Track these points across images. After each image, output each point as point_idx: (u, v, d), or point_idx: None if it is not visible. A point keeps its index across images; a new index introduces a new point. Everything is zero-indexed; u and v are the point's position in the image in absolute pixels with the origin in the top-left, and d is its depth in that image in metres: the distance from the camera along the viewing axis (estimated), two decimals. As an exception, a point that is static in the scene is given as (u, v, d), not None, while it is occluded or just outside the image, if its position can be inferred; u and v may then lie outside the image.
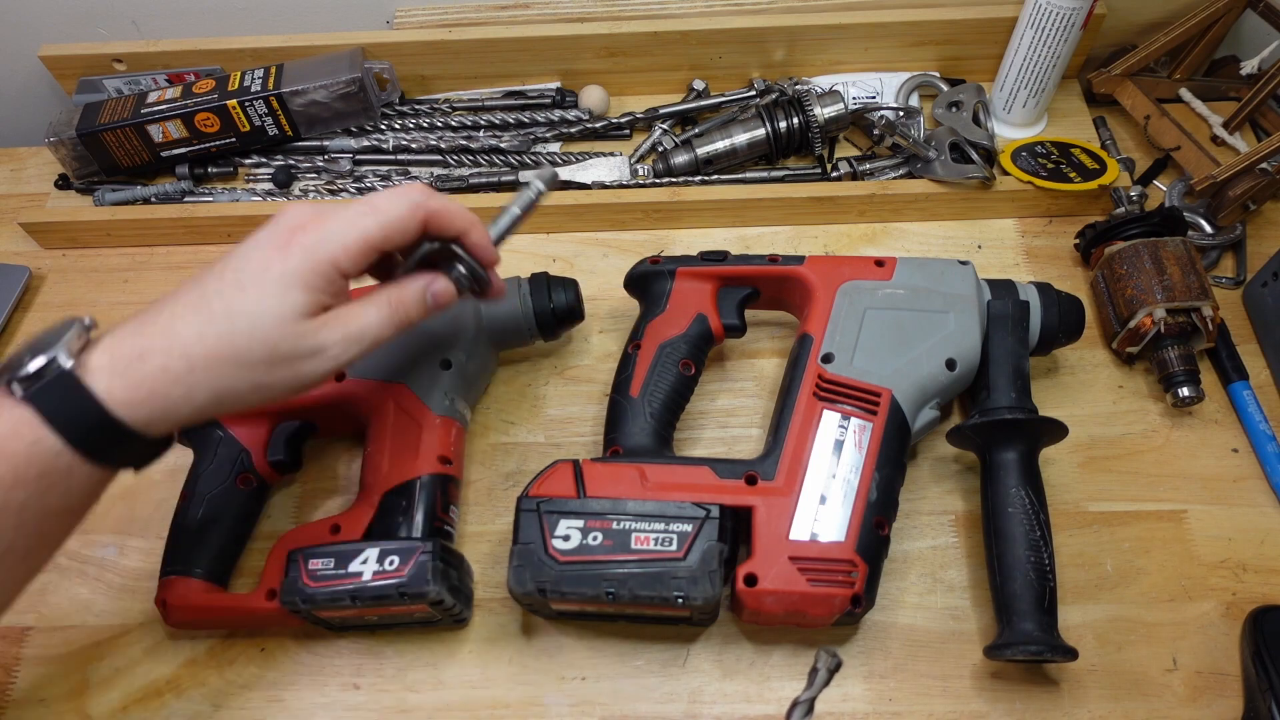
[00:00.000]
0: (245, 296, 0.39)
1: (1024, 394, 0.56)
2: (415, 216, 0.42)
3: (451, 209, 0.44)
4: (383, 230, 0.41)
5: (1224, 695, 0.52)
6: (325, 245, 0.40)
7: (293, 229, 0.40)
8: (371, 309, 0.43)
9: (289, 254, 0.40)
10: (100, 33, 0.79)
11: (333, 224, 0.40)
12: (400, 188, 0.43)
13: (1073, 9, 0.66)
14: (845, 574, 0.49)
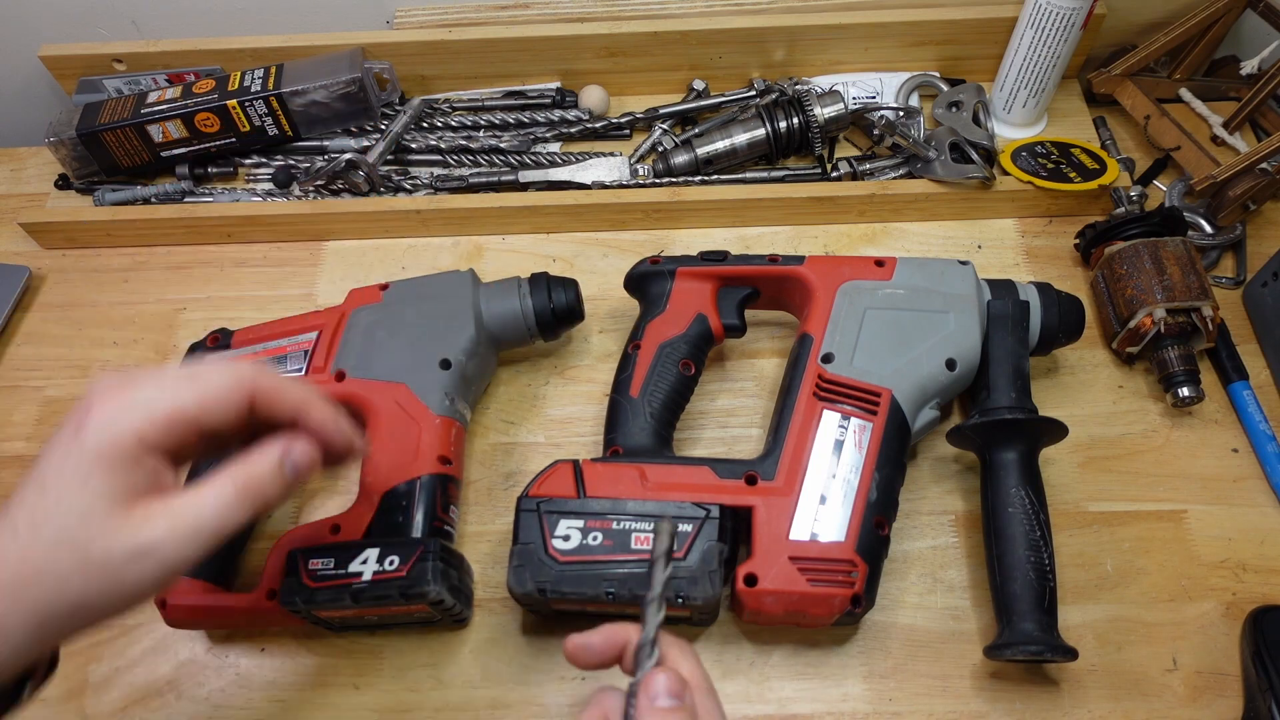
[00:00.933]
0: (45, 498, 0.32)
1: (1024, 394, 0.56)
2: (239, 390, 0.35)
3: (283, 387, 0.37)
4: (199, 402, 0.34)
5: (1224, 695, 0.52)
6: (126, 417, 0.33)
7: (89, 405, 0.33)
8: (210, 493, 0.35)
9: (84, 434, 0.32)
10: (100, 33, 0.79)
11: (138, 393, 0.34)
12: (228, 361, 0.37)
13: (1073, 9, 0.66)
14: (845, 574, 0.49)
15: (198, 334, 0.64)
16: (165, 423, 0.34)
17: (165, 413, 0.34)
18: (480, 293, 0.61)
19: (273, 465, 0.36)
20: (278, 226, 0.73)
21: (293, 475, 0.37)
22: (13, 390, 0.67)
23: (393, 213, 0.72)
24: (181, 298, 0.71)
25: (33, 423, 0.65)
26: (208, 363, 0.36)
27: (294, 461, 0.37)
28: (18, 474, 0.63)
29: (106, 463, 0.32)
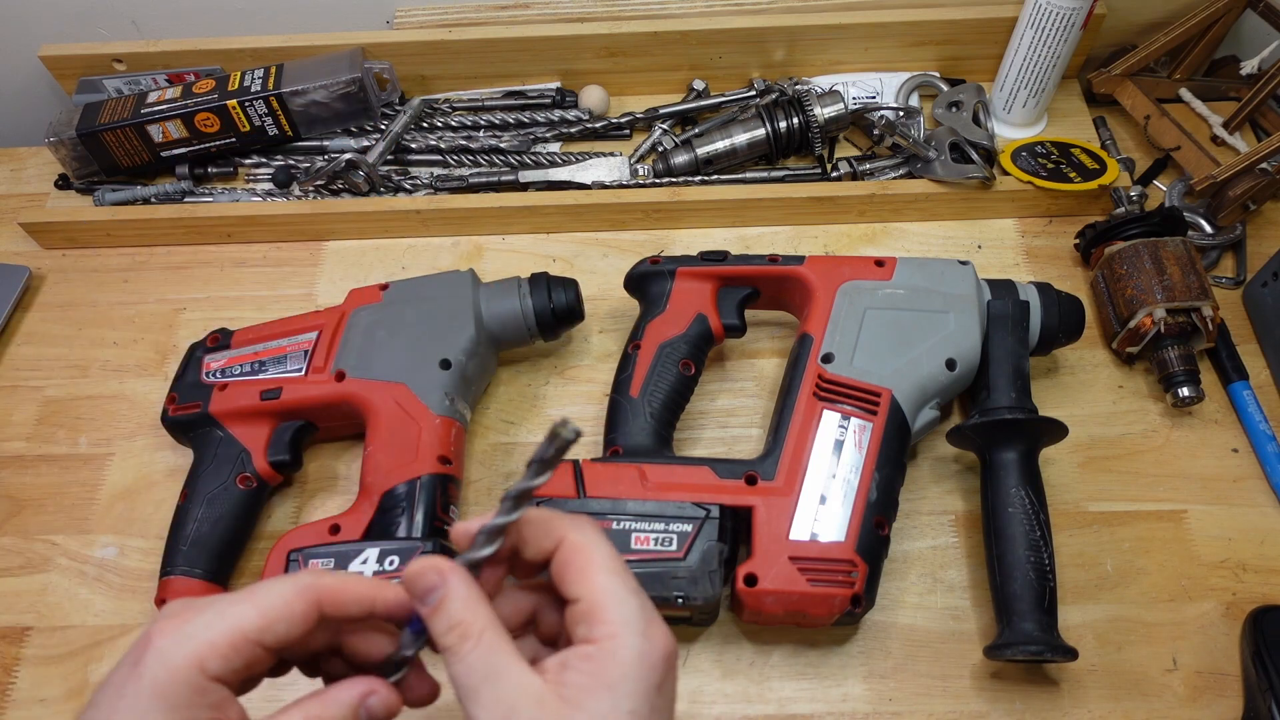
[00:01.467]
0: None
1: (1024, 394, 0.56)
2: (302, 601, 0.32)
3: (349, 582, 0.34)
4: (262, 618, 0.31)
5: (1224, 695, 0.52)
6: (185, 646, 0.30)
7: (149, 637, 0.31)
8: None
9: (142, 667, 0.30)
10: (100, 33, 0.79)
11: (197, 619, 0.31)
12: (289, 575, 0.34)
13: (1073, 9, 0.66)
14: (845, 574, 0.49)
15: (198, 334, 0.64)
16: (227, 648, 0.31)
17: (226, 637, 0.31)
18: (480, 293, 0.61)
19: (348, 709, 0.33)
20: (278, 226, 0.73)
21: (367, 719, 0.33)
22: (12, 390, 0.67)
23: (393, 213, 0.72)
24: (181, 298, 0.71)
25: (33, 423, 0.65)
26: (267, 580, 0.34)
27: (371, 708, 0.33)
28: (16, 474, 0.63)
29: (166, 699, 0.30)
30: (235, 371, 0.60)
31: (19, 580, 0.58)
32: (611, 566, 0.33)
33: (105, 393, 0.66)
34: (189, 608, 0.32)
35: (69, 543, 0.60)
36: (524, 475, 0.32)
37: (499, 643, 0.32)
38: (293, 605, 0.32)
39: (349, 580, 0.34)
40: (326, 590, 0.33)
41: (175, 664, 0.30)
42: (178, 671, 0.30)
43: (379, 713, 0.33)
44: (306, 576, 0.33)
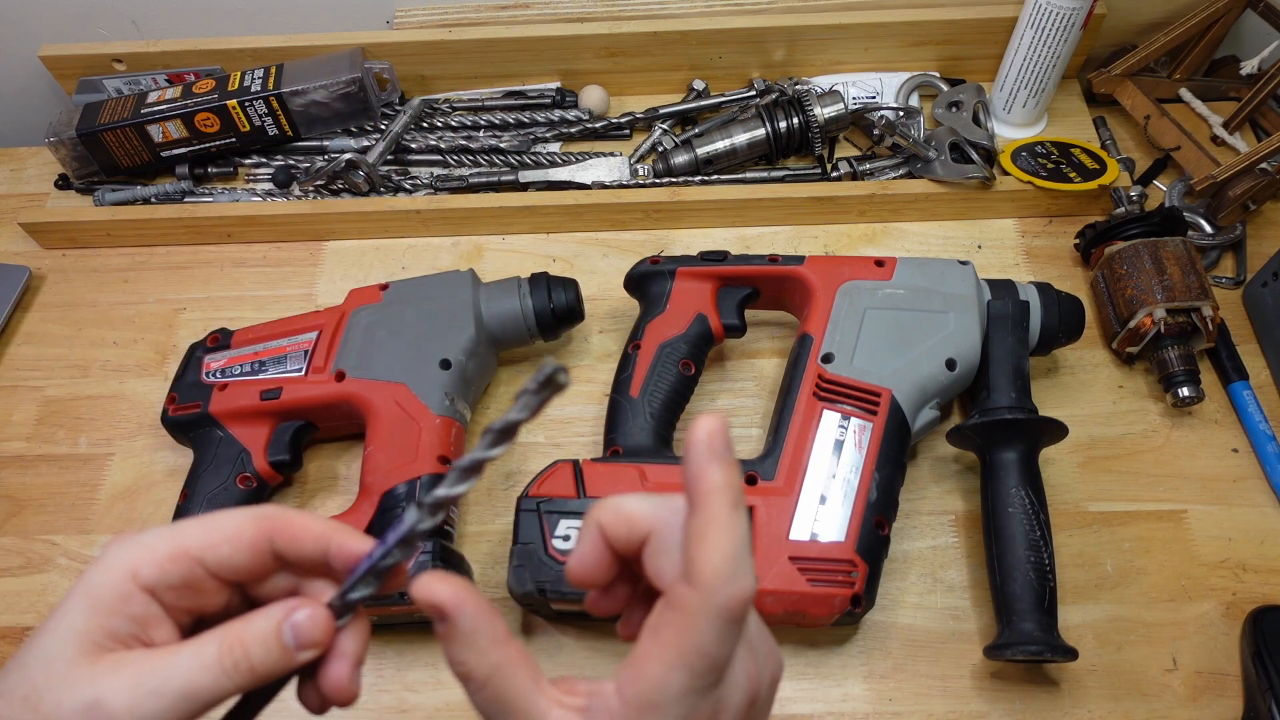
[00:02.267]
0: (30, 644, 0.29)
1: (1024, 394, 0.56)
2: (255, 526, 0.31)
3: (305, 519, 0.31)
4: (207, 535, 0.30)
5: (1224, 695, 0.52)
6: (126, 552, 0.29)
7: (109, 543, 0.30)
8: (187, 653, 0.29)
9: (87, 572, 0.29)
10: (100, 33, 0.79)
11: (151, 532, 0.30)
12: (250, 507, 0.32)
13: (1073, 9, 0.66)
14: (845, 574, 0.49)
15: (197, 334, 0.64)
16: (165, 559, 0.29)
17: (166, 548, 0.30)
18: (480, 293, 0.61)
19: (269, 629, 0.29)
20: (278, 226, 0.73)
21: (294, 644, 0.30)
22: (12, 390, 0.67)
23: (393, 213, 0.72)
24: (181, 298, 0.71)
25: (33, 423, 0.65)
26: (228, 510, 0.32)
27: (297, 627, 0.30)
28: (16, 474, 0.63)
29: (91, 600, 0.29)
30: (235, 371, 0.60)
31: (19, 580, 0.58)
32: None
33: (105, 393, 0.66)
34: (141, 529, 0.31)
35: (69, 543, 0.60)
36: (511, 408, 0.28)
37: (512, 678, 0.29)
38: (242, 529, 0.31)
39: (306, 518, 0.31)
40: (281, 521, 0.31)
41: (110, 566, 0.29)
42: (109, 573, 0.29)
43: (308, 631, 0.30)
44: (267, 508, 0.32)
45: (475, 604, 0.29)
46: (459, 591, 0.28)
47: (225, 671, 0.29)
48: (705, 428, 0.28)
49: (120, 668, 0.28)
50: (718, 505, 0.27)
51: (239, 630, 0.29)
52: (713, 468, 0.27)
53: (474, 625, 0.28)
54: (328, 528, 0.31)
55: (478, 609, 0.29)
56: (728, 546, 0.27)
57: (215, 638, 0.29)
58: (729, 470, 0.27)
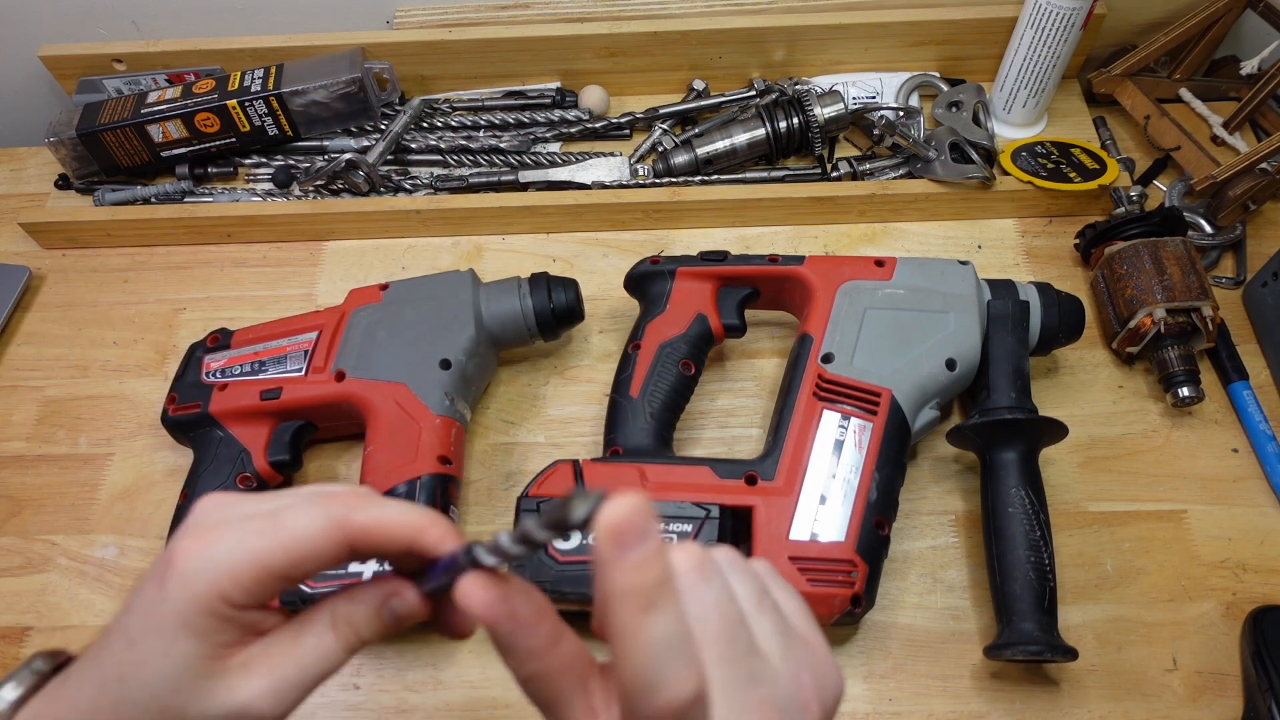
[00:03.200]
0: (133, 653, 0.30)
1: (1024, 394, 0.56)
2: (332, 538, 0.30)
3: (386, 520, 0.31)
4: (287, 555, 0.30)
5: (1224, 695, 0.52)
6: (206, 575, 0.29)
7: (171, 558, 0.30)
8: (310, 642, 0.31)
9: (166, 591, 0.29)
10: (100, 33, 0.79)
11: (220, 544, 0.30)
12: (316, 494, 0.31)
13: (1073, 9, 0.66)
14: (845, 574, 0.49)
15: (197, 334, 0.64)
16: (251, 582, 0.30)
17: (249, 570, 0.30)
18: (480, 293, 0.61)
19: (372, 612, 0.32)
20: (277, 226, 0.73)
21: (392, 622, 0.33)
22: (12, 390, 0.67)
23: (393, 213, 0.72)
24: (181, 298, 0.71)
25: (33, 423, 0.65)
26: (295, 503, 0.31)
27: (395, 611, 0.32)
28: (16, 474, 0.63)
29: (191, 627, 0.29)
30: (235, 371, 0.60)
31: (19, 580, 0.58)
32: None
33: (105, 393, 0.66)
34: (213, 526, 0.30)
35: (69, 543, 0.60)
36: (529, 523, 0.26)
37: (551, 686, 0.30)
38: (320, 544, 0.30)
39: (383, 519, 0.31)
40: (358, 531, 0.31)
41: (199, 593, 0.29)
42: (202, 601, 0.29)
43: (403, 615, 0.32)
44: (337, 508, 0.31)
45: (511, 619, 0.29)
46: (495, 607, 0.28)
47: (344, 650, 0.32)
48: (611, 515, 0.24)
49: (251, 672, 0.30)
50: (622, 614, 0.25)
51: (346, 614, 0.32)
52: (614, 571, 0.25)
53: (510, 641, 0.29)
54: (409, 532, 0.31)
55: (513, 626, 0.29)
56: (640, 656, 0.25)
57: (329, 627, 0.32)
58: (636, 570, 0.25)
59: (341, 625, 0.32)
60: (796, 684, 0.29)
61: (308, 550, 0.30)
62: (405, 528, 0.31)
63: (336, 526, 0.30)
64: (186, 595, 0.29)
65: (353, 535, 0.30)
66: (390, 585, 0.33)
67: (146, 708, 0.30)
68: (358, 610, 0.32)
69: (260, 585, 0.30)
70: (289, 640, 0.31)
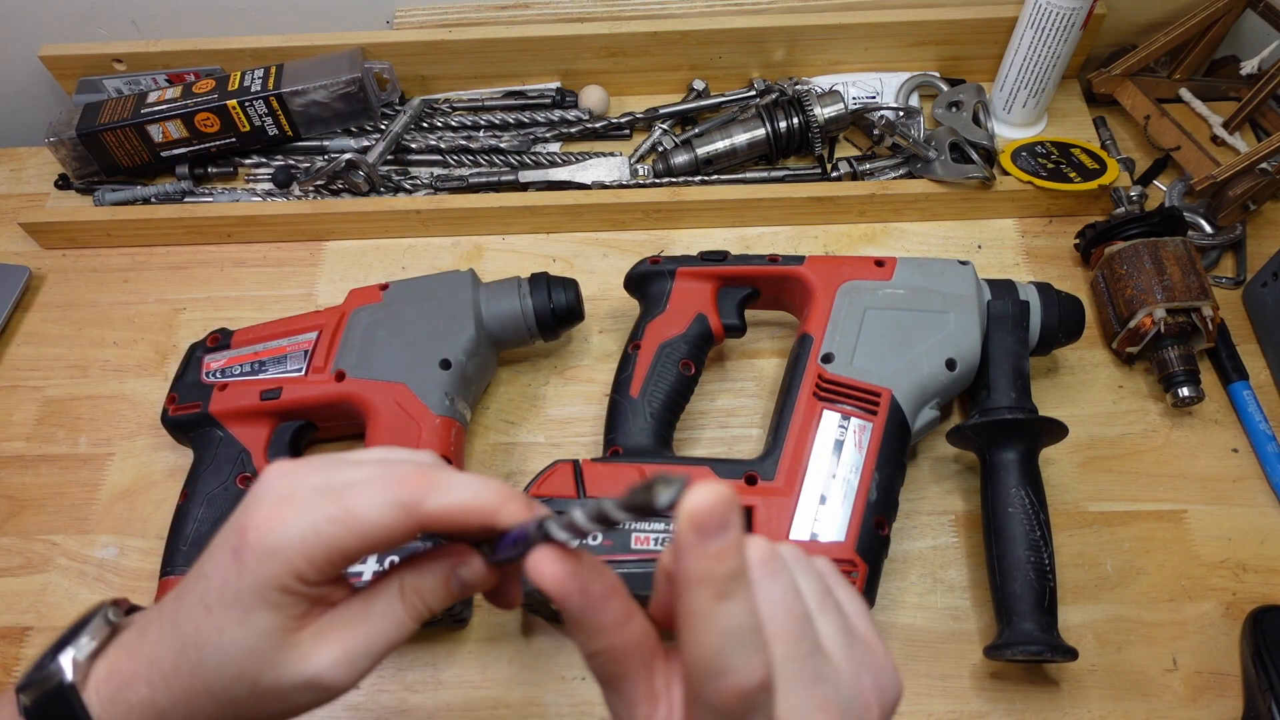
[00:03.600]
0: (211, 620, 0.31)
1: (1024, 394, 0.56)
2: (402, 524, 0.30)
3: (460, 506, 0.30)
4: (357, 540, 0.30)
5: (1224, 695, 0.52)
6: (281, 554, 0.30)
7: (244, 526, 0.31)
8: (379, 610, 0.32)
9: (242, 564, 0.30)
10: (100, 33, 0.79)
11: (293, 524, 0.30)
12: (387, 474, 0.31)
13: (1073, 9, 0.66)
14: (845, 574, 0.49)
15: (197, 334, 0.64)
16: (323, 562, 0.30)
17: (322, 553, 0.30)
18: (480, 293, 0.61)
19: (440, 583, 0.33)
20: (278, 226, 0.73)
21: (459, 591, 0.33)
22: (12, 390, 0.67)
23: (393, 213, 0.72)
24: (181, 298, 0.71)
25: (33, 423, 0.65)
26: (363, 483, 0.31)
27: (462, 580, 0.33)
28: (16, 474, 0.63)
29: (267, 600, 0.30)
30: (235, 371, 0.60)
31: (19, 580, 0.58)
32: None
33: (105, 393, 0.66)
34: (284, 500, 0.31)
35: (69, 543, 0.60)
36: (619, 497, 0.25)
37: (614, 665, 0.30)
38: (391, 530, 0.30)
39: (456, 506, 0.30)
40: (429, 517, 0.30)
41: (274, 569, 0.30)
42: (277, 578, 0.30)
43: (470, 584, 0.33)
44: (408, 493, 0.30)
45: (583, 594, 0.28)
46: (567, 582, 0.28)
47: (413, 620, 0.33)
48: (696, 503, 0.25)
49: (322, 643, 0.31)
50: (697, 599, 0.25)
51: (414, 584, 0.33)
52: (692, 558, 0.25)
53: (580, 617, 0.29)
54: (486, 511, 0.31)
55: (584, 602, 0.28)
56: (710, 642, 0.25)
57: (398, 598, 0.32)
58: (716, 559, 0.25)
59: (410, 595, 0.33)
60: (858, 685, 0.29)
61: (378, 536, 0.30)
62: (479, 512, 0.31)
63: (408, 514, 0.30)
64: (262, 571, 0.30)
65: (424, 521, 0.30)
66: (458, 554, 0.33)
67: (222, 674, 0.31)
68: (425, 580, 0.33)
69: (332, 565, 0.30)
70: (359, 611, 0.32)
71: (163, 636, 0.32)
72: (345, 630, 0.32)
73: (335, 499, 0.30)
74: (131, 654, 0.32)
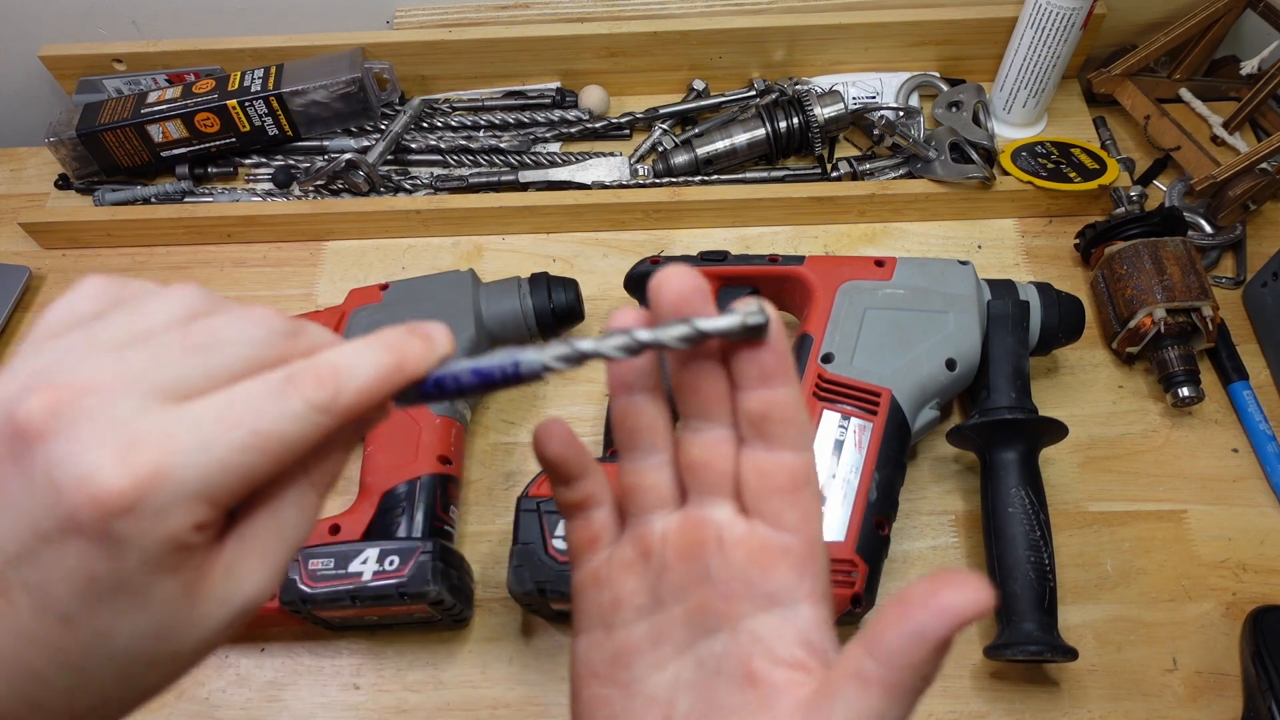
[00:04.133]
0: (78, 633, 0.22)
1: (1024, 394, 0.56)
2: (322, 431, 0.24)
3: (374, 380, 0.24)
4: (273, 463, 0.23)
5: (1224, 695, 0.52)
6: (177, 510, 0.22)
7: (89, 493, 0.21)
8: (292, 512, 0.25)
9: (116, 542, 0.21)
10: (100, 33, 0.79)
11: (184, 468, 0.21)
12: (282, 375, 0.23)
13: (1073, 9, 0.66)
14: (845, 574, 0.49)
15: (198, 334, 0.64)
16: (230, 498, 0.23)
17: (231, 486, 0.22)
18: (480, 293, 0.61)
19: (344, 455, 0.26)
20: (278, 226, 0.73)
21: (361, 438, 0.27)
22: (13, 390, 0.67)
23: (393, 213, 0.72)
24: (181, 298, 0.71)
25: (33, 423, 0.65)
26: (255, 379, 0.23)
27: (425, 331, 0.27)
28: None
29: (163, 569, 0.22)
30: (235, 371, 0.60)
31: (19, 580, 0.58)
32: None
33: (105, 393, 0.66)
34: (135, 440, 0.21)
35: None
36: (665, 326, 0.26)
37: None
38: (310, 440, 0.24)
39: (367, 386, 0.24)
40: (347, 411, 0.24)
41: (169, 531, 0.22)
42: (175, 538, 0.22)
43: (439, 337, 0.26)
44: (312, 391, 0.23)
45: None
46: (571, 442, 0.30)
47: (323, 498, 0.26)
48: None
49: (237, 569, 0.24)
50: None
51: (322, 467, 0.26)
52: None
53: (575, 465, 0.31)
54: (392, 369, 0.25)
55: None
56: None
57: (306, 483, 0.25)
58: None
59: (323, 480, 0.26)
60: None
61: (294, 452, 0.23)
62: (390, 378, 0.25)
63: (327, 415, 0.24)
64: (153, 537, 0.21)
65: (343, 417, 0.24)
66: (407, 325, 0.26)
67: (121, 674, 0.23)
68: (331, 463, 0.26)
69: (237, 497, 0.23)
70: (269, 520, 0.25)
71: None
72: (260, 549, 0.24)
73: (234, 421, 0.22)
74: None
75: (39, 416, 0.21)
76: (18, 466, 0.22)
